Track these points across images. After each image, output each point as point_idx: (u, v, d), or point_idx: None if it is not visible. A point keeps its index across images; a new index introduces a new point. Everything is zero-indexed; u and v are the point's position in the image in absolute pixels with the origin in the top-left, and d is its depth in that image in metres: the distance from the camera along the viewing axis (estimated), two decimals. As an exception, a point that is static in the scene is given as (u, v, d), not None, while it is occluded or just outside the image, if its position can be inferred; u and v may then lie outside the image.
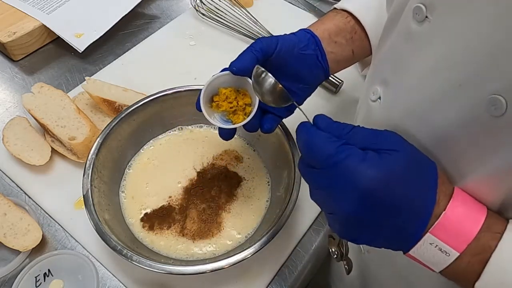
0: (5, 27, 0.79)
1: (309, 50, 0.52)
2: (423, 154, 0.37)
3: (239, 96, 0.50)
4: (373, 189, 0.33)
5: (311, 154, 0.37)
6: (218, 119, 0.50)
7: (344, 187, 0.34)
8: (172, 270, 0.49)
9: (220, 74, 0.49)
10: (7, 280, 0.56)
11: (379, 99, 0.44)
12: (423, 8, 0.36)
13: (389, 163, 0.34)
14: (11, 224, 0.57)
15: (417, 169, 0.35)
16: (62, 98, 0.68)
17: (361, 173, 0.33)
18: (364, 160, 0.34)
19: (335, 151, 0.35)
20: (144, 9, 0.92)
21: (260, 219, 0.59)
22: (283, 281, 0.57)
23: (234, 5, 0.88)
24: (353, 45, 0.56)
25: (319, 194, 0.38)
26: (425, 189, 0.35)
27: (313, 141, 0.37)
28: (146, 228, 0.58)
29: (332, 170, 0.35)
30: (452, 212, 0.34)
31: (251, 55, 0.47)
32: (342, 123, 0.38)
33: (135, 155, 0.65)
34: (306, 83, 0.52)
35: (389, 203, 0.34)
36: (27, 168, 0.64)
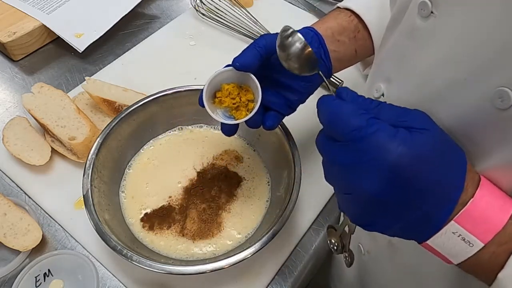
0: (5, 27, 0.79)
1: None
2: (451, 138, 0.35)
3: (241, 92, 0.50)
4: (402, 167, 0.31)
5: (336, 125, 0.34)
6: (221, 115, 0.50)
7: (370, 164, 0.32)
8: (172, 270, 0.49)
9: (222, 70, 0.49)
10: (7, 280, 0.56)
11: (382, 96, 0.44)
12: (428, 3, 0.36)
13: (421, 142, 0.32)
14: (11, 224, 0.57)
15: (448, 152, 0.33)
16: (62, 98, 0.68)
17: (391, 149, 0.31)
18: (395, 136, 0.32)
19: (365, 123, 0.33)
20: (144, 9, 0.92)
21: (260, 219, 0.59)
22: (283, 281, 0.57)
23: (234, 5, 0.88)
24: (356, 44, 0.56)
25: (337, 171, 0.35)
26: (455, 173, 0.33)
27: (339, 111, 0.34)
28: (146, 228, 0.58)
29: (359, 144, 0.33)
30: (480, 200, 0.32)
31: (254, 51, 0.47)
32: (368, 98, 0.36)
33: (135, 155, 0.65)
34: (309, 81, 0.52)
35: (417, 184, 0.32)
36: (27, 168, 0.64)
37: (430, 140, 0.32)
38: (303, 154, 0.59)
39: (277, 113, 0.53)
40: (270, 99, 0.52)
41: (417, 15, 0.38)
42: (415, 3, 0.38)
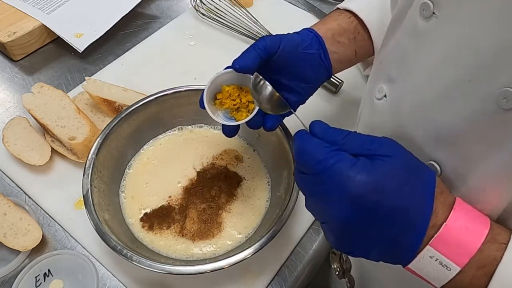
0: (5, 27, 0.79)
1: (312, 49, 0.52)
2: (420, 162, 0.36)
3: (242, 94, 0.50)
4: (363, 194, 0.32)
5: (302, 160, 0.37)
6: (222, 116, 0.51)
7: (334, 193, 0.34)
8: (172, 270, 0.49)
9: (223, 72, 0.49)
10: (7, 280, 0.56)
11: (384, 97, 0.44)
12: (430, 4, 0.36)
13: (380, 169, 0.33)
14: (11, 224, 0.57)
15: (412, 176, 0.34)
16: (62, 98, 0.68)
17: (350, 178, 0.33)
18: (354, 165, 0.33)
19: (325, 156, 0.34)
20: (144, 9, 0.92)
21: (260, 219, 0.59)
22: (283, 281, 0.57)
23: (234, 5, 0.88)
24: (356, 45, 0.56)
25: (312, 202, 0.38)
26: (421, 198, 0.33)
27: (304, 146, 0.36)
28: (145, 228, 0.58)
29: (322, 175, 0.34)
30: (454, 223, 0.33)
31: (254, 53, 0.47)
32: (338, 129, 0.38)
33: (135, 155, 0.65)
34: (309, 82, 0.52)
35: (381, 210, 0.33)
36: (27, 168, 0.64)
37: (392, 166, 0.33)
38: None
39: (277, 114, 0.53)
40: None
41: (419, 16, 0.38)
42: (416, 4, 0.38)
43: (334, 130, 0.38)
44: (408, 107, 0.40)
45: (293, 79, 0.51)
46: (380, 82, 0.45)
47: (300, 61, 0.51)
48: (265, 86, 0.46)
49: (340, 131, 0.38)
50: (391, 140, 0.36)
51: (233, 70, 0.48)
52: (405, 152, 0.35)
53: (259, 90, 0.46)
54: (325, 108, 0.75)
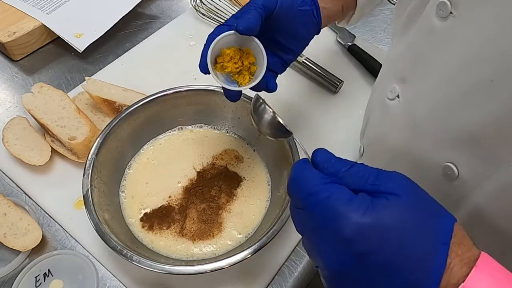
0: (5, 27, 0.79)
1: (306, 6, 0.51)
2: (436, 204, 0.30)
3: (243, 56, 0.49)
4: (356, 238, 0.27)
5: (293, 191, 0.33)
6: (223, 80, 0.49)
7: (325, 232, 0.29)
8: (172, 270, 0.49)
9: (223, 35, 0.47)
10: (7, 280, 0.55)
11: (397, 97, 0.43)
12: (447, 4, 0.35)
13: (381, 208, 0.28)
14: (11, 224, 0.57)
15: (422, 221, 0.28)
16: (62, 98, 0.68)
17: (343, 216, 0.28)
18: (349, 201, 0.29)
19: (317, 188, 0.30)
20: (144, 9, 0.92)
21: (260, 219, 0.59)
22: (283, 281, 0.57)
23: (234, 5, 0.88)
24: (342, 0, 0.56)
25: (305, 240, 0.33)
26: (431, 249, 0.28)
27: (298, 177, 0.32)
28: (145, 228, 0.58)
29: (313, 210, 0.30)
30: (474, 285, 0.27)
31: (255, 13, 0.46)
32: (343, 160, 0.33)
33: (135, 155, 0.65)
34: (302, 39, 0.52)
35: (379, 260, 0.27)
36: (27, 168, 0.64)
37: (396, 207, 0.28)
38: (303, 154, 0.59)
39: (271, 72, 0.53)
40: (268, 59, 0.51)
41: (435, 16, 0.37)
42: (432, 4, 0.37)
43: (338, 160, 0.33)
44: (425, 108, 0.39)
45: (288, 37, 0.51)
46: (392, 82, 0.44)
47: (296, 19, 0.50)
48: (265, 110, 0.43)
49: (345, 162, 0.33)
50: (402, 176, 0.31)
51: (233, 32, 0.46)
52: (416, 191, 0.30)
53: (260, 114, 0.44)
54: (325, 108, 0.75)
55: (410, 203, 0.29)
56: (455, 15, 0.35)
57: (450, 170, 0.37)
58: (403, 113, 0.43)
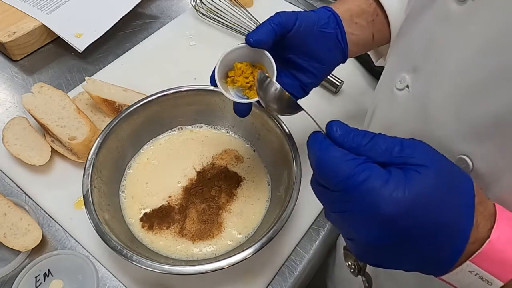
0: (5, 27, 0.79)
1: (329, 28, 0.50)
2: (456, 167, 0.32)
3: (255, 71, 0.48)
4: (398, 217, 0.29)
5: (324, 175, 0.32)
6: (233, 95, 0.48)
7: (364, 214, 0.30)
8: (172, 270, 0.49)
9: (235, 47, 0.47)
10: (7, 280, 0.55)
11: (406, 87, 0.41)
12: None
13: (416, 185, 0.29)
14: (11, 224, 0.57)
15: (450, 188, 0.30)
16: (62, 98, 0.68)
17: (384, 198, 0.29)
18: (387, 182, 0.29)
19: (353, 171, 0.30)
20: (144, 9, 0.92)
21: (261, 219, 0.59)
22: (283, 281, 0.57)
23: (234, 5, 0.88)
24: (374, 29, 0.53)
25: (335, 218, 0.34)
26: (460, 212, 0.30)
27: (326, 159, 0.32)
28: (145, 228, 0.58)
29: (349, 193, 0.30)
30: (498, 238, 0.30)
31: (270, 28, 0.45)
32: (361, 132, 0.33)
33: (135, 155, 0.65)
34: (323, 63, 0.50)
35: (417, 231, 0.30)
36: (27, 168, 0.64)
37: (428, 179, 0.30)
38: (303, 154, 0.59)
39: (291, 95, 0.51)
40: (283, 80, 0.50)
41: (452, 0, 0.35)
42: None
43: (355, 132, 0.33)
44: (437, 97, 0.38)
45: (308, 59, 0.49)
46: (402, 72, 0.42)
47: (316, 40, 0.49)
48: (272, 84, 0.41)
49: (363, 133, 0.33)
50: (423, 144, 0.32)
51: (245, 46, 0.46)
52: (439, 158, 0.31)
53: (266, 88, 0.41)
54: (325, 108, 0.75)
55: (438, 173, 0.30)
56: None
57: (464, 163, 0.35)
58: (413, 103, 0.41)
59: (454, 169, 0.32)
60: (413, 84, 0.41)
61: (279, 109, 0.42)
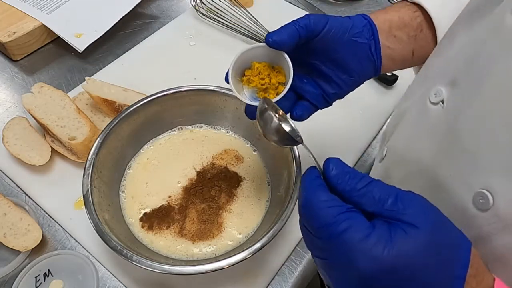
0: (5, 27, 0.79)
1: (362, 38, 0.45)
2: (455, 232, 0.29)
3: (272, 73, 0.46)
4: (375, 275, 0.27)
5: (307, 217, 0.31)
6: (247, 95, 0.46)
7: (342, 266, 0.28)
8: (172, 270, 0.49)
9: (255, 45, 0.44)
10: (7, 280, 0.55)
11: (441, 102, 0.38)
12: None
13: (399, 245, 0.27)
14: (11, 224, 0.57)
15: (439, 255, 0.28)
16: (62, 98, 0.68)
17: (361, 252, 0.27)
18: (368, 236, 0.28)
19: (334, 219, 0.29)
20: (144, 9, 0.92)
21: (261, 219, 0.59)
22: (283, 281, 0.57)
23: (234, 5, 0.88)
24: (415, 44, 0.48)
25: (317, 261, 0.32)
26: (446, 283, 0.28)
27: (310, 200, 0.30)
28: (145, 228, 0.58)
29: (329, 242, 0.29)
30: None
31: (293, 29, 0.41)
32: (358, 174, 0.31)
33: (135, 155, 0.65)
34: (352, 75, 0.46)
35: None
36: (27, 168, 0.64)
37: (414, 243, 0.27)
38: (303, 154, 0.59)
39: (310, 104, 0.48)
40: (304, 87, 0.47)
41: (510, 12, 0.32)
42: None
43: (352, 174, 0.31)
44: (472, 119, 0.35)
45: (334, 68, 0.46)
46: (438, 84, 0.39)
47: (346, 49, 0.45)
48: (270, 118, 0.39)
49: (360, 177, 0.31)
50: (420, 199, 0.30)
51: (263, 45, 0.43)
52: (436, 219, 0.29)
53: (265, 120, 0.40)
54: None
55: (428, 235, 0.28)
56: None
57: (483, 198, 0.32)
58: (444, 120, 0.38)
59: (451, 233, 0.29)
60: (448, 99, 0.38)
61: (278, 141, 0.40)
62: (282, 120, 0.40)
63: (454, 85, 0.38)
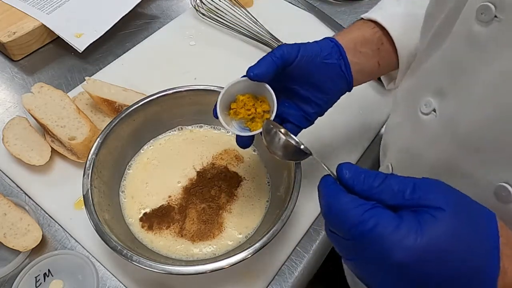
0: (5, 27, 0.79)
1: (332, 59, 0.49)
2: (477, 205, 0.30)
3: (257, 103, 0.49)
4: (411, 264, 0.27)
5: (333, 223, 0.32)
6: (236, 126, 0.50)
7: (376, 262, 0.29)
8: (172, 270, 0.49)
9: (237, 80, 0.48)
10: (7, 280, 0.55)
11: (433, 111, 0.40)
12: (491, 7, 0.32)
13: (431, 229, 0.28)
14: (11, 224, 0.57)
15: (471, 232, 0.28)
16: (62, 98, 0.68)
17: (394, 245, 0.28)
18: (397, 227, 0.28)
19: (361, 218, 0.29)
20: (144, 9, 0.92)
21: (261, 219, 0.59)
22: (283, 281, 0.57)
23: (234, 5, 0.88)
24: (379, 57, 0.53)
25: (350, 264, 0.33)
26: (484, 257, 0.28)
27: (334, 206, 0.31)
28: (145, 228, 0.58)
29: (360, 241, 0.30)
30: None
31: (270, 61, 0.45)
32: (372, 173, 0.32)
33: (135, 155, 0.65)
34: (328, 93, 0.50)
35: (435, 279, 0.28)
36: (27, 168, 0.64)
37: (445, 225, 0.28)
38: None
39: (294, 125, 0.51)
40: (287, 111, 0.51)
41: (475, 20, 0.34)
42: (471, 7, 0.35)
43: (367, 174, 0.32)
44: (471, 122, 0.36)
45: (312, 90, 0.50)
46: (427, 95, 0.41)
47: (319, 71, 0.49)
48: (278, 136, 0.43)
49: (375, 175, 0.32)
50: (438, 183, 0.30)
51: (245, 79, 0.46)
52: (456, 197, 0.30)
53: (272, 138, 0.44)
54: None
55: (455, 215, 0.28)
56: (501, 19, 0.32)
57: (504, 191, 0.33)
58: (443, 128, 0.39)
59: (474, 208, 0.30)
60: (440, 108, 0.39)
61: (284, 156, 0.43)
62: (287, 136, 0.43)
63: (442, 94, 0.39)
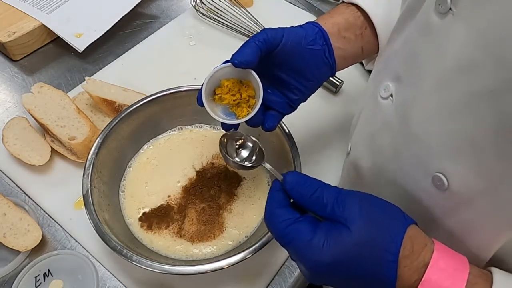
0: (5, 27, 0.79)
1: (316, 45, 0.49)
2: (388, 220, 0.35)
3: (242, 88, 0.49)
4: (320, 272, 0.35)
5: (268, 228, 0.39)
6: (221, 111, 0.49)
7: (297, 260, 0.37)
8: (171, 270, 0.49)
9: (221, 66, 0.47)
10: (7, 280, 0.55)
11: (391, 96, 0.41)
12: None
13: (334, 245, 0.34)
14: (11, 224, 0.57)
15: (370, 247, 0.34)
16: (62, 98, 0.68)
17: (306, 257, 0.35)
18: (309, 242, 0.35)
19: (283, 232, 0.36)
20: (144, 9, 0.92)
21: (261, 218, 0.59)
22: (283, 281, 0.57)
23: (234, 5, 0.88)
24: (362, 42, 0.52)
25: None
26: (382, 266, 0.34)
27: (269, 215, 0.39)
28: (144, 227, 0.58)
29: (286, 247, 0.37)
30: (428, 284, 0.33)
31: (254, 46, 0.44)
32: (311, 182, 0.38)
33: (135, 155, 0.65)
34: (311, 79, 0.50)
35: (344, 279, 0.35)
36: (27, 168, 0.64)
37: (348, 242, 0.34)
38: (303, 154, 0.59)
39: (277, 112, 0.51)
40: (271, 98, 0.50)
41: (433, 11, 0.34)
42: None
43: (306, 183, 0.38)
44: (419, 111, 0.37)
45: (295, 76, 0.49)
46: (386, 80, 0.42)
47: (303, 57, 0.48)
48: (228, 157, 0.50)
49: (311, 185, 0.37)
50: (358, 199, 0.36)
51: (230, 64, 0.46)
52: (368, 217, 0.35)
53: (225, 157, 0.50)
54: (325, 108, 0.75)
55: (359, 233, 0.34)
56: (454, 12, 0.32)
57: (439, 181, 0.36)
58: (396, 114, 0.41)
59: (383, 224, 0.34)
60: (396, 94, 0.41)
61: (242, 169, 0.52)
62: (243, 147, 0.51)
63: (398, 80, 0.41)
